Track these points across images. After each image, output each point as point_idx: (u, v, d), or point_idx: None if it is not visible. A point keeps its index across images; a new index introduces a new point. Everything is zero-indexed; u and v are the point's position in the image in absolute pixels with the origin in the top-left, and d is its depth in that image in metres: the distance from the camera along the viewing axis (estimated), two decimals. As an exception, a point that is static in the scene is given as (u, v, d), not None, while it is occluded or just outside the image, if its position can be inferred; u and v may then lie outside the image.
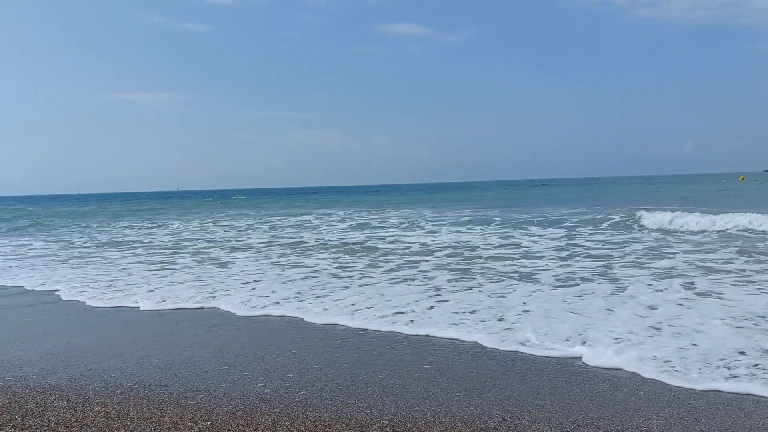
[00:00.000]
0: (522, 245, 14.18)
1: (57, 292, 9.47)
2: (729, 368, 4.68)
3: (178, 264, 12.76)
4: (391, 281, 9.43)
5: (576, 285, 8.54)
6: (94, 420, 4.02)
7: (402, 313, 7.09)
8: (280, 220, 28.41)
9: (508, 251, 13.15)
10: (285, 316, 7.26)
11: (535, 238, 15.68)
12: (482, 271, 10.31)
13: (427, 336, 6.08)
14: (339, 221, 25.66)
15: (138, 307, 8.06)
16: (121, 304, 8.35)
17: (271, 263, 12.40)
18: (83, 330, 6.88)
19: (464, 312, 7.00)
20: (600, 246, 13.45)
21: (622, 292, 7.87)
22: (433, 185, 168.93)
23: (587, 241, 14.65)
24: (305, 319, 7.03)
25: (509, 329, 6.13)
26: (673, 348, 5.25)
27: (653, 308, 6.83)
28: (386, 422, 3.86)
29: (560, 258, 11.62)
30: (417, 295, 8.12)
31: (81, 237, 22.13)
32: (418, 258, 12.43)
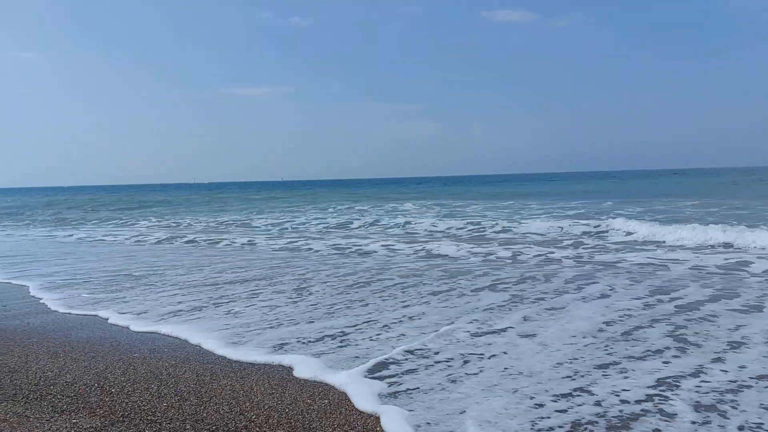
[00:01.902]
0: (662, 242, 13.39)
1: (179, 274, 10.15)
2: None
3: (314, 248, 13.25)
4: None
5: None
6: (221, 392, 4.26)
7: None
8: (399, 210, 28.77)
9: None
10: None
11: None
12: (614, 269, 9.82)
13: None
14: (453, 212, 25.57)
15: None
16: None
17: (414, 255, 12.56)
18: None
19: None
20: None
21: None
22: (533, 176, 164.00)
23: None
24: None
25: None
26: None
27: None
28: (503, 411, 3.76)
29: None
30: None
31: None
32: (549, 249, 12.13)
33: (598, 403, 3.88)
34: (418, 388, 4.22)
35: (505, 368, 4.62)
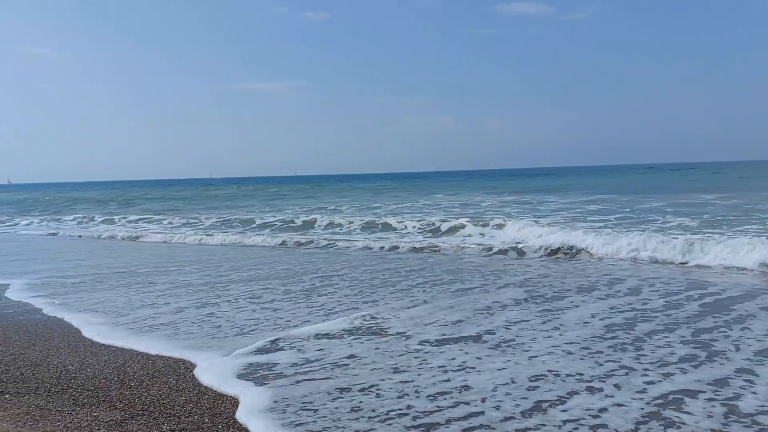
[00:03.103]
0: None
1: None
2: None
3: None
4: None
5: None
6: (238, 386, 4.30)
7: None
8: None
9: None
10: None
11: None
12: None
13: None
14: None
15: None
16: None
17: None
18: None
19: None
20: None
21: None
22: (551, 169, 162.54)
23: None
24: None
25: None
26: None
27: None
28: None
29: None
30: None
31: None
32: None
33: (559, 427, 2.95)
34: (286, 398, 3.87)
35: (434, 383, 3.83)
